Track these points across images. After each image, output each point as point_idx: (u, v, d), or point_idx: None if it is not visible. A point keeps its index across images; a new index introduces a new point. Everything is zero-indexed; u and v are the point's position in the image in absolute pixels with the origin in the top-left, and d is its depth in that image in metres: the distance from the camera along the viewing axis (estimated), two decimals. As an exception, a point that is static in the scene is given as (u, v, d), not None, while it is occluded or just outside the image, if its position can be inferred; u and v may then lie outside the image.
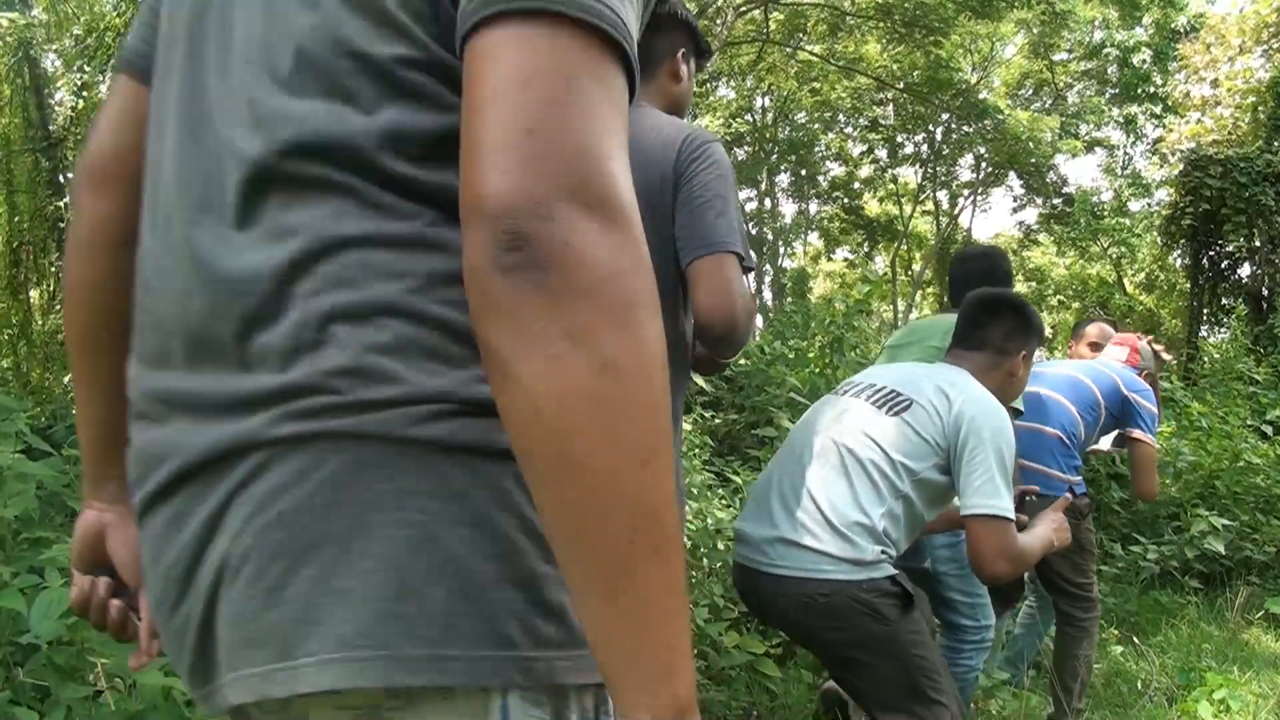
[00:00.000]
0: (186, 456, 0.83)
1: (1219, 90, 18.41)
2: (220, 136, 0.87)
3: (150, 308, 0.92)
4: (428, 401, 0.78)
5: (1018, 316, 2.98)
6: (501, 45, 0.72)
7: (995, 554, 2.55)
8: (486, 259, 0.69)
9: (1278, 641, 5.24)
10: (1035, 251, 30.78)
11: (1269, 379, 9.41)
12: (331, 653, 0.76)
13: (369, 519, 0.77)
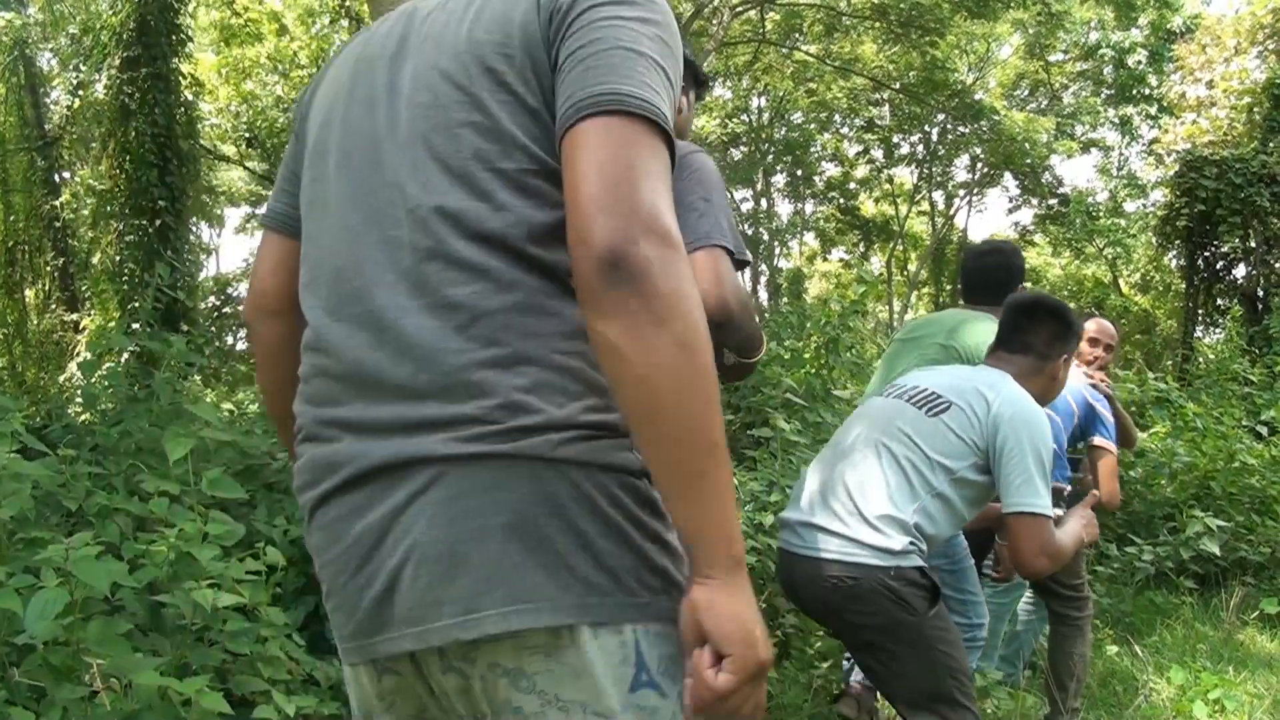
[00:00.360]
0: (367, 462, 1.18)
1: (1214, 91, 18.46)
2: (387, 235, 1.22)
3: (320, 364, 1.27)
4: (557, 428, 1.13)
5: (1058, 321, 3.04)
6: (590, 134, 1.11)
7: (1036, 551, 2.64)
8: (596, 275, 1.05)
9: (1273, 642, 5.24)
10: (1031, 252, 30.78)
11: (1264, 380, 9.42)
12: (509, 606, 1.11)
13: (527, 514, 1.12)
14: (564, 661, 1.13)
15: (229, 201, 30.19)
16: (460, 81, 1.23)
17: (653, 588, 1.15)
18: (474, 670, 1.16)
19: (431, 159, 1.21)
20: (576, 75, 1.15)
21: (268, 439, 4.12)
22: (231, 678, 2.81)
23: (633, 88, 1.13)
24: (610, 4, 1.20)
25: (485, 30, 1.24)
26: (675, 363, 1.05)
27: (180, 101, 16.22)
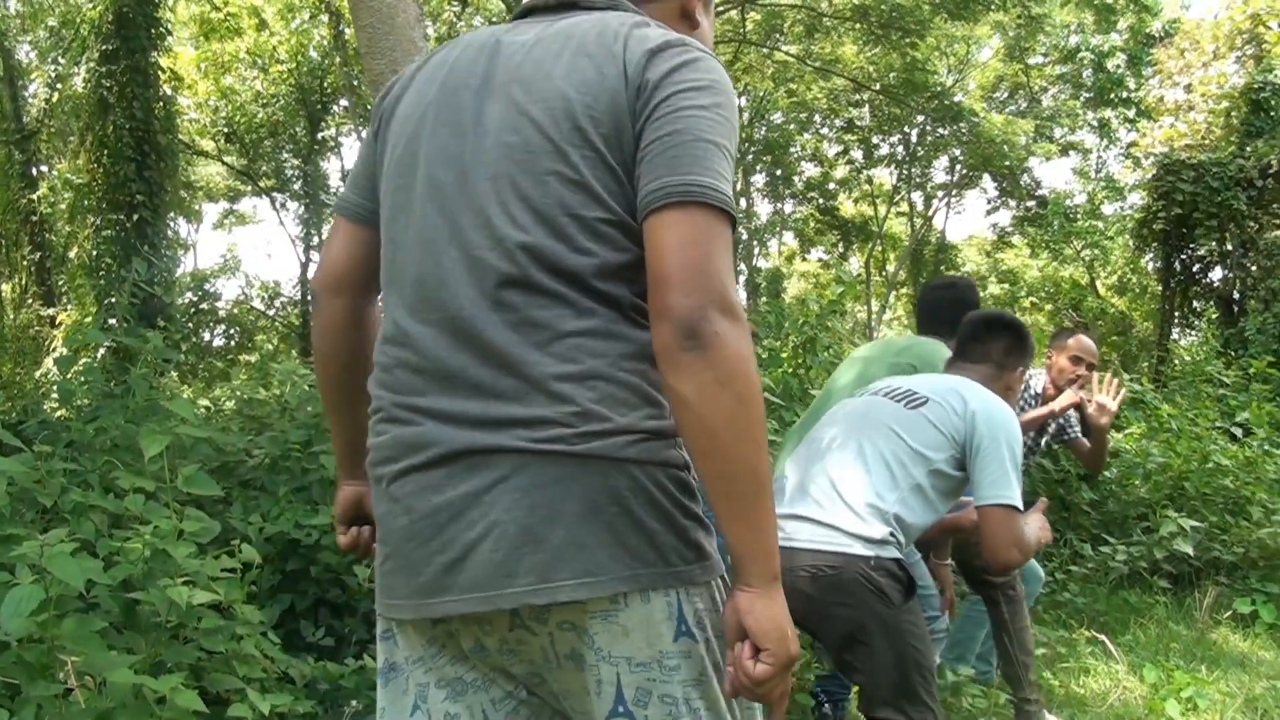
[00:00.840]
0: (451, 446, 1.37)
1: (1192, 95, 18.56)
2: (471, 256, 1.41)
3: (401, 356, 1.45)
4: (622, 433, 1.35)
5: (1015, 335, 3.24)
6: (673, 222, 1.33)
7: (1009, 542, 2.72)
8: (674, 342, 1.29)
9: (1246, 641, 5.28)
10: (1008, 254, 30.93)
11: (1239, 382, 9.49)
12: (580, 578, 1.33)
13: (593, 500, 1.33)
14: (617, 622, 1.36)
15: (207, 197, 30.01)
16: (550, 133, 1.41)
17: (688, 559, 1.39)
18: (544, 629, 1.39)
19: (518, 198, 1.41)
20: (663, 161, 1.36)
21: (244, 436, 4.11)
22: (206, 676, 2.81)
23: (710, 180, 1.35)
24: (690, 91, 1.40)
25: (576, 90, 1.42)
26: (734, 415, 1.29)
27: (159, 96, 16.14)
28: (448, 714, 1.49)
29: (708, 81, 1.43)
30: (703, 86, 1.42)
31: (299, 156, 26.51)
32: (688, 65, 1.43)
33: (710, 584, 1.42)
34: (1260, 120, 15.24)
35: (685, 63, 1.43)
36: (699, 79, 1.42)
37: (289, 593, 3.60)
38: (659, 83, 1.40)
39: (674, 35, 1.48)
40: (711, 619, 1.41)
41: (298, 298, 27.43)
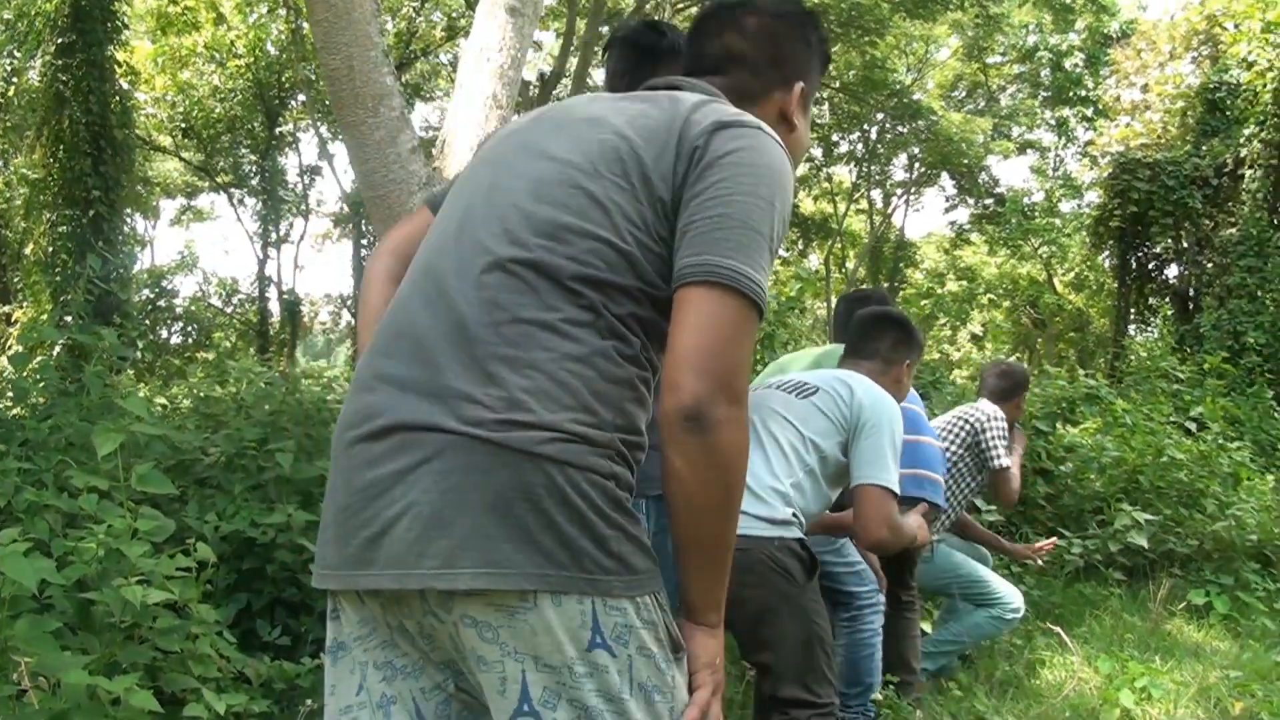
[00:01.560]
0: (391, 418, 1.39)
1: (1149, 95, 18.77)
2: (479, 239, 1.48)
3: (392, 319, 1.51)
4: (543, 429, 1.34)
5: (901, 330, 3.45)
6: (703, 299, 1.39)
7: (880, 521, 2.87)
8: (678, 420, 1.35)
9: (1199, 632, 5.35)
10: (967, 251, 31.17)
11: (1193, 377, 9.61)
12: (482, 568, 1.31)
13: (503, 493, 1.32)
14: (525, 621, 1.33)
15: (164, 193, 29.72)
16: (594, 158, 1.49)
17: (608, 569, 1.34)
18: (449, 618, 1.37)
19: (542, 202, 1.48)
20: (709, 240, 1.42)
21: (200, 434, 4.08)
22: (161, 675, 2.79)
23: (749, 270, 1.41)
24: (749, 177, 1.46)
25: (634, 130, 1.51)
26: (720, 499, 1.40)
27: (115, 90, 16.00)
28: (384, 695, 1.49)
29: (769, 171, 1.48)
30: (762, 175, 1.47)
31: (256, 152, 26.30)
32: (753, 150, 1.49)
33: (636, 600, 1.38)
34: (1215, 120, 15.46)
35: (751, 147, 1.49)
36: (761, 165, 1.48)
37: (245, 592, 3.58)
38: (721, 158, 1.46)
39: (750, 118, 1.54)
40: (638, 638, 1.38)
41: (255, 295, 27.23)
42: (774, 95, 1.75)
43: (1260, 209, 14.04)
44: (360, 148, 4.29)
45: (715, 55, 1.77)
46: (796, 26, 1.81)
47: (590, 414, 1.37)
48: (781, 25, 1.79)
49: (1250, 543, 6.28)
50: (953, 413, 4.80)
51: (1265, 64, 14.08)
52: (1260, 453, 8.66)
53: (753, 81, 1.73)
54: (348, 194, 25.72)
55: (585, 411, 1.37)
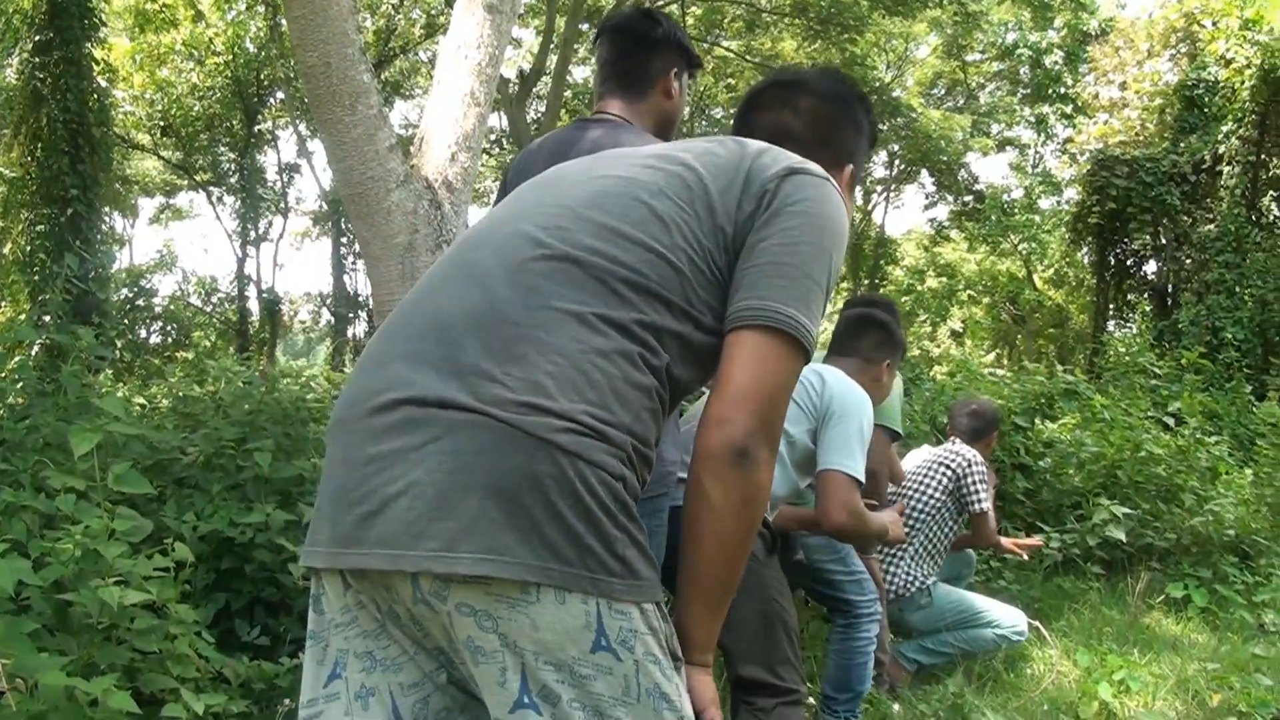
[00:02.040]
0: (406, 391, 1.36)
1: (1127, 93, 18.85)
2: (528, 231, 1.48)
3: (418, 301, 1.49)
4: (560, 418, 1.31)
5: (884, 331, 3.52)
6: (759, 341, 1.44)
7: (840, 505, 2.90)
8: (725, 453, 1.39)
9: (1178, 624, 5.38)
10: (947, 247, 31.28)
11: (1171, 373, 9.66)
12: (484, 554, 1.27)
13: (513, 479, 1.28)
14: (526, 614, 1.29)
15: (143, 191, 29.62)
16: (659, 178, 1.53)
17: (614, 571, 1.32)
18: (444, 606, 1.32)
19: (601, 209, 1.49)
20: (771, 284, 1.47)
21: (178, 434, 4.06)
22: (140, 676, 2.77)
23: (806, 319, 1.46)
24: (814, 227, 1.51)
25: (700, 161, 1.56)
26: (746, 534, 1.43)
27: (93, 88, 15.92)
28: (364, 686, 1.45)
29: (831, 222, 1.54)
30: (826, 226, 1.53)
31: (235, 150, 26.24)
32: (820, 200, 1.54)
33: (639, 606, 1.35)
34: (1193, 117, 15.55)
35: (819, 197, 1.54)
36: (825, 215, 1.54)
37: (223, 591, 3.56)
38: (790, 206, 1.51)
39: (818, 167, 1.59)
40: (644, 644, 1.35)
41: (235, 293, 27.14)
42: None
43: (1238, 205, 14.14)
44: (338, 145, 4.27)
45: (767, 130, 1.81)
46: (848, 109, 1.88)
47: (609, 411, 1.36)
48: (834, 109, 1.86)
49: (1228, 537, 6.32)
50: (930, 455, 4.77)
51: (1243, 61, 14.17)
52: (1239, 447, 8.71)
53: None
54: (327, 192, 25.71)
55: (604, 409, 1.35)
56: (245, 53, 23.87)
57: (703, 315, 1.48)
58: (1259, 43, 13.81)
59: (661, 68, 2.65)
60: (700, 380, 1.56)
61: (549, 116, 18.24)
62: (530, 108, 22.01)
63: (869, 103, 1.95)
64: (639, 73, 2.64)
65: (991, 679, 4.26)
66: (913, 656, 4.43)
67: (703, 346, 1.50)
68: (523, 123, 19.45)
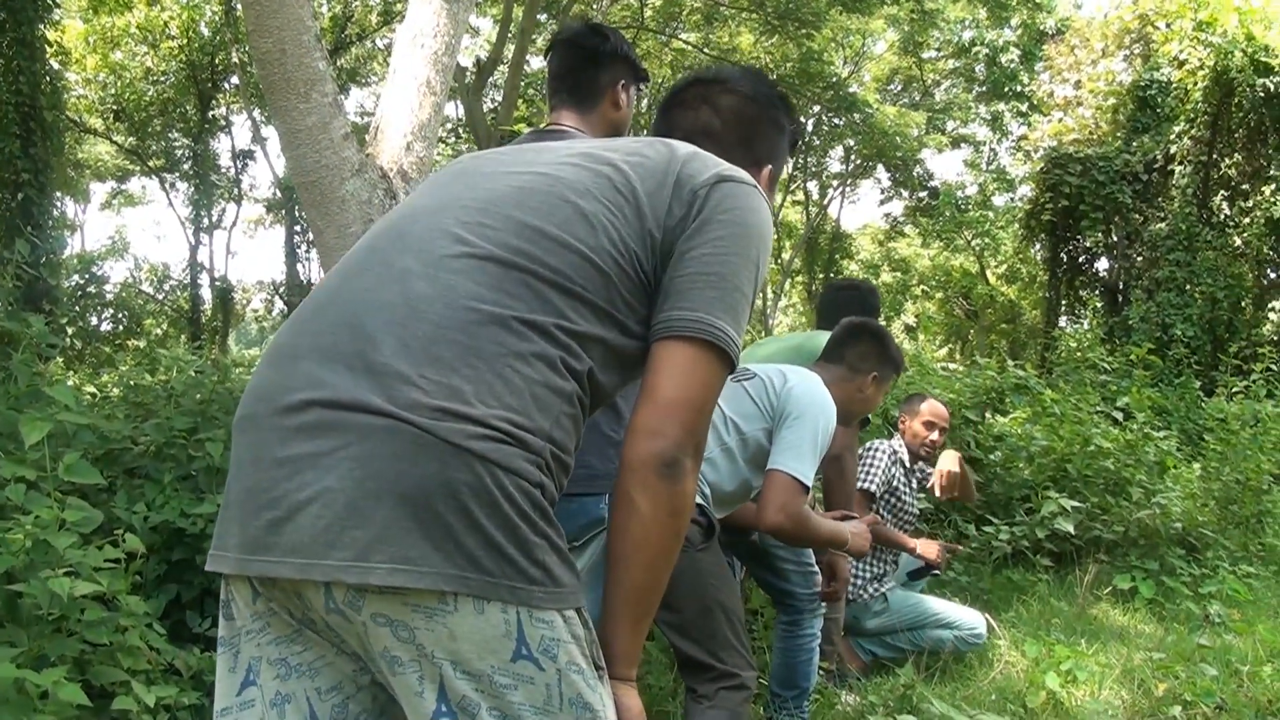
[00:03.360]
0: (318, 392, 1.31)
1: (1082, 91, 19.04)
2: (450, 228, 1.45)
3: (330, 291, 1.46)
4: (475, 423, 1.28)
5: (876, 343, 3.46)
6: (688, 352, 1.44)
7: (779, 506, 2.87)
8: (653, 464, 1.39)
9: (1125, 615, 5.46)
10: (901, 243, 31.49)
11: (1121, 368, 9.78)
12: (398, 564, 1.24)
13: (426, 486, 1.25)
14: (444, 624, 1.26)
15: (95, 176, 29.24)
16: (585, 178, 1.52)
17: (534, 578, 1.29)
18: (358, 617, 1.29)
19: (526, 208, 1.47)
20: (700, 295, 1.47)
21: (129, 423, 4.02)
22: (90, 669, 2.76)
23: (733, 331, 1.47)
24: (742, 235, 1.52)
25: (626, 163, 1.54)
26: (672, 545, 1.43)
27: (46, 70, 15.68)
28: (279, 693, 1.41)
29: (758, 231, 1.55)
30: (753, 236, 1.54)
31: (189, 135, 25.96)
32: (749, 210, 1.55)
33: (561, 613, 1.32)
34: (1146, 116, 15.74)
35: (748, 207, 1.55)
36: (753, 225, 1.54)
37: (175, 583, 3.53)
38: (720, 215, 1.51)
39: (746, 175, 1.59)
40: (567, 652, 1.32)
41: (187, 281, 26.85)
42: None
43: (1189, 204, 14.33)
44: (292, 133, 4.23)
45: (688, 128, 1.82)
46: (769, 109, 1.88)
47: (527, 417, 1.33)
48: (755, 107, 1.86)
49: (1175, 529, 6.42)
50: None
51: (1196, 63, 14.35)
52: (1187, 442, 8.85)
53: (723, 159, 1.71)
54: (280, 179, 25.48)
55: (523, 414, 1.32)
56: (200, 37, 23.62)
57: (627, 320, 1.48)
58: (1212, 44, 14.00)
59: (610, 80, 2.77)
60: (622, 384, 1.55)
61: (505, 106, 18.15)
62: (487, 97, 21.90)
63: (790, 103, 1.97)
64: (588, 85, 2.77)
65: (940, 669, 4.30)
66: (869, 648, 4.47)
67: (626, 351, 1.49)
68: (479, 112, 19.34)
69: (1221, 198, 14.50)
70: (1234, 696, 3.77)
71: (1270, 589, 5.99)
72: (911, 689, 3.70)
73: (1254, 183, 14.10)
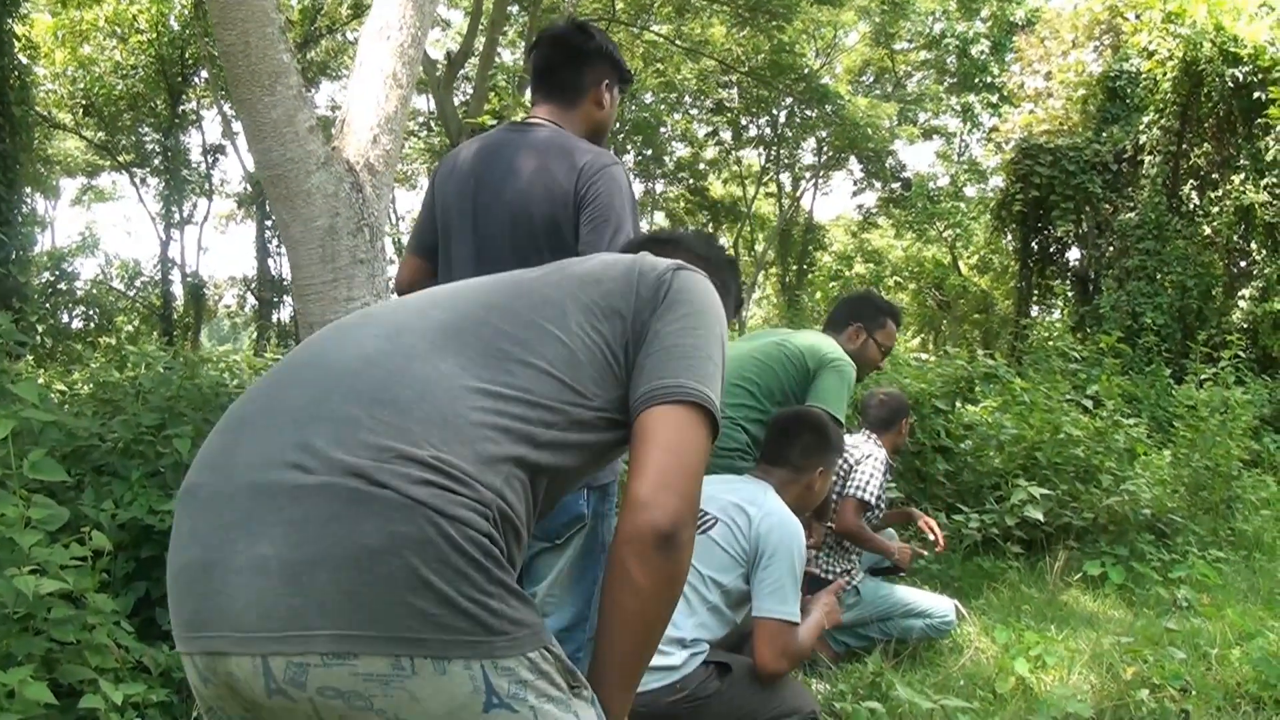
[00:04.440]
0: (252, 454, 1.31)
1: (1051, 83, 19.12)
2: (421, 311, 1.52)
3: (297, 358, 1.47)
4: (419, 464, 1.25)
5: (815, 435, 3.36)
6: (675, 416, 1.46)
7: (778, 654, 2.88)
8: (653, 539, 1.37)
9: (1095, 601, 5.49)
10: (874, 234, 31.59)
11: (1091, 357, 9.83)
12: (344, 630, 1.18)
13: (370, 545, 1.19)
14: (403, 688, 1.21)
15: (64, 172, 29.01)
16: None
17: (493, 629, 1.25)
18: (302, 694, 1.22)
19: (501, 296, 1.55)
20: (679, 364, 1.51)
21: (97, 420, 4.00)
22: (58, 667, 2.74)
23: (709, 391, 1.50)
24: (703, 313, 1.59)
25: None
26: (666, 614, 1.43)
27: (13, 64, 15.53)
28: None
29: (714, 309, 1.63)
30: (712, 312, 1.62)
31: (159, 130, 25.80)
32: (705, 291, 1.64)
33: (523, 656, 1.29)
34: (1116, 107, 15.82)
35: (706, 289, 1.65)
36: (710, 304, 1.63)
37: (143, 580, 3.52)
38: (683, 297, 1.59)
39: (693, 267, 1.69)
40: (535, 689, 1.30)
41: (158, 277, 26.68)
42: None
43: (1159, 194, 14.41)
44: (257, 126, 4.20)
45: None
46: (719, 272, 1.92)
47: (476, 468, 1.30)
48: (706, 269, 1.84)
49: (1144, 516, 6.46)
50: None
51: (1165, 54, 14.41)
52: (1157, 429, 8.91)
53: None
54: (251, 174, 25.32)
55: (472, 464, 1.30)
56: (169, 30, 23.47)
57: (593, 396, 1.50)
58: (1181, 35, 14.06)
59: (594, 79, 2.79)
60: (585, 464, 1.53)
61: (476, 99, 18.12)
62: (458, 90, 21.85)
63: (737, 267, 2.08)
64: (571, 83, 2.78)
65: (910, 656, 4.33)
66: (841, 639, 4.50)
67: (588, 425, 1.49)
68: (450, 105, 19.30)
69: (1191, 187, 14.59)
70: (1201, 679, 3.81)
71: (1239, 573, 6.04)
72: (881, 675, 3.72)
73: (1223, 172, 14.18)
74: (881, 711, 3.47)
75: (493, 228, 2.64)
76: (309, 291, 4.27)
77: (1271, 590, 5.56)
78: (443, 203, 2.76)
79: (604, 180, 2.58)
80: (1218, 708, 3.62)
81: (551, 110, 2.77)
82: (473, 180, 2.70)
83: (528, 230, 2.60)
